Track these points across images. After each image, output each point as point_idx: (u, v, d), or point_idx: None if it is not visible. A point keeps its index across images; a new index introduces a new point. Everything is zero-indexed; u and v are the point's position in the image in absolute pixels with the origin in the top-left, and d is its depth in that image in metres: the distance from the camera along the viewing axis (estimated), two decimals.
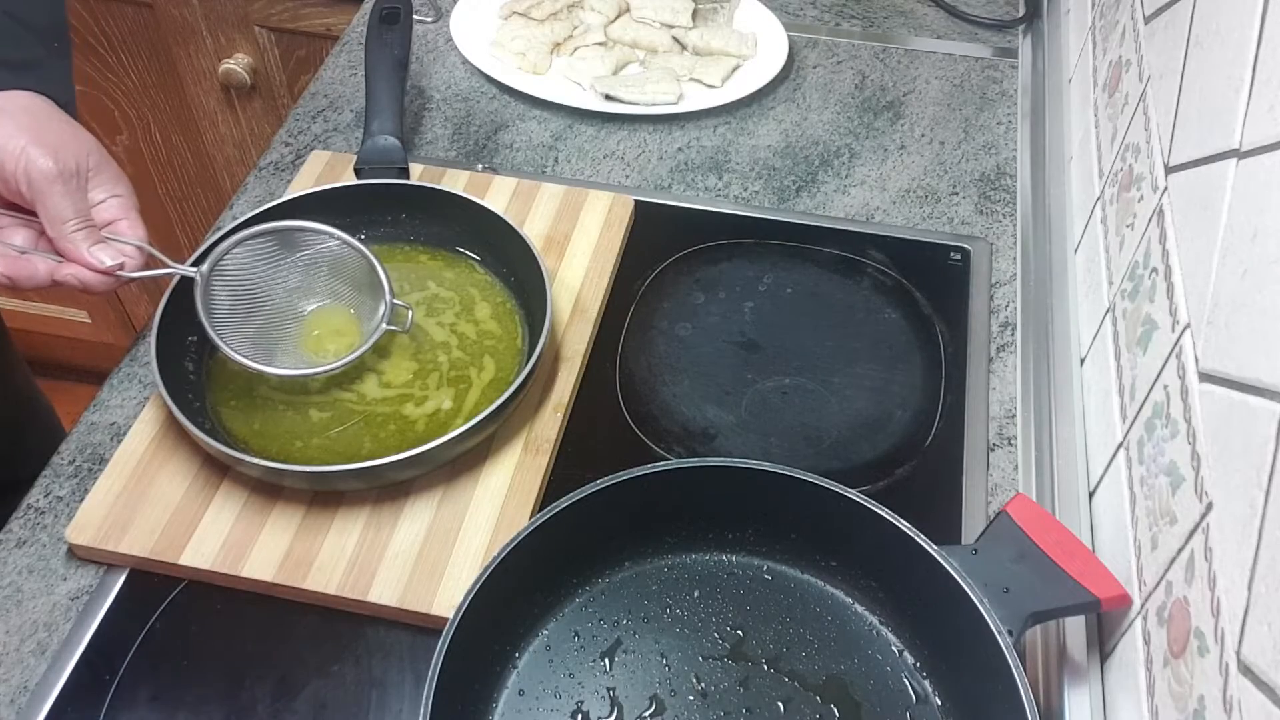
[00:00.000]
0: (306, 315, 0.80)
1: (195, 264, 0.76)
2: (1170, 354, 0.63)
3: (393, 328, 0.77)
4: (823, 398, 0.82)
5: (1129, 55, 0.83)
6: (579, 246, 0.90)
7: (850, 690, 0.65)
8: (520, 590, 0.65)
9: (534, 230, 0.90)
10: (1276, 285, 0.50)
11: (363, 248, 0.78)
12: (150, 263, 0.74)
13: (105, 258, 0.71)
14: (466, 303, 0.84)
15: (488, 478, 0.74)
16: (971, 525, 0.75)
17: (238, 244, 0.76)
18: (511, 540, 0.63)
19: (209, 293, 0.75)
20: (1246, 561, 0.49)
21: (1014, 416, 0.82)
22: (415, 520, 0.72)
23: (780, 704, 0.64)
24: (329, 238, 0.78)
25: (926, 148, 1.04)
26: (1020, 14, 1.19)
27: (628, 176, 1.00)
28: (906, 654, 0.66)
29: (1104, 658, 0.66)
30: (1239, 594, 0.49)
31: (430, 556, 0.70)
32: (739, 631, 0.67)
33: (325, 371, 0.76)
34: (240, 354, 0.74)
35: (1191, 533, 0.56)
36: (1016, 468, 0.79)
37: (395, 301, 0.77)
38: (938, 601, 0.62)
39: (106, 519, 0.71)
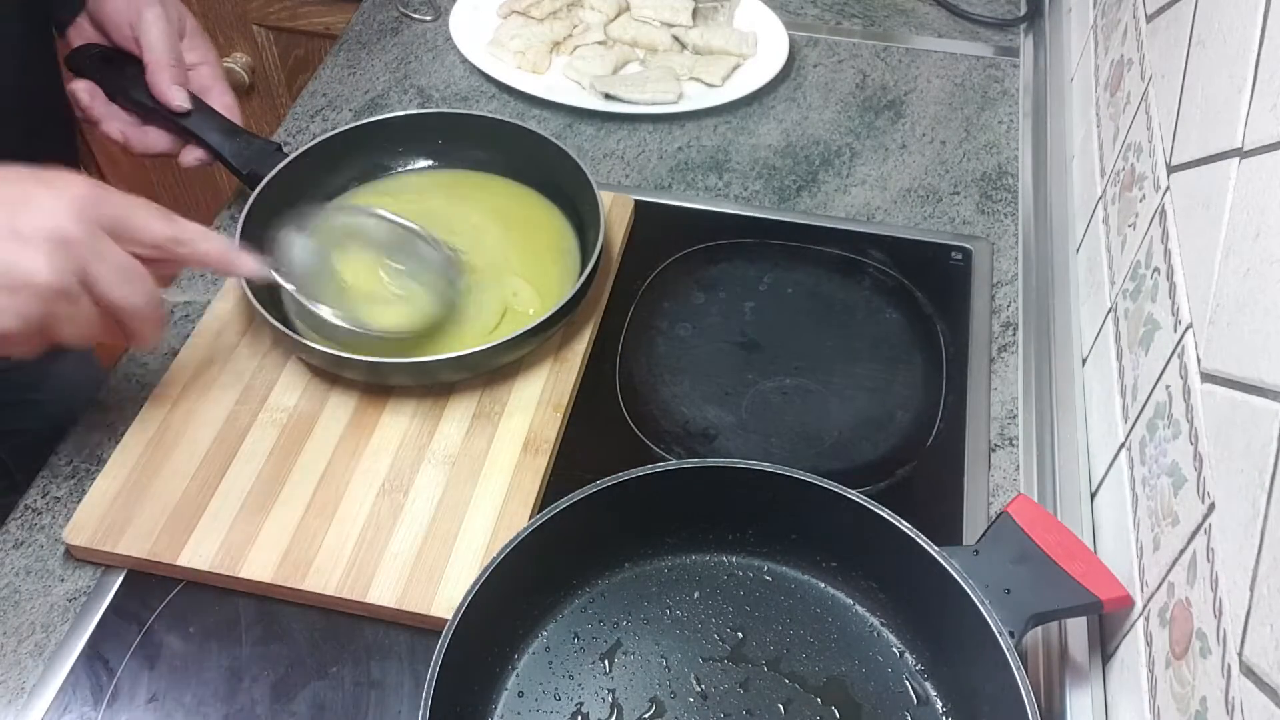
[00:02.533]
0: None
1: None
2: (1172, 354, 0.63)
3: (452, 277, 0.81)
4: (823, 398, 0.82)
5: (1131, 54, 0.83)
6: None
7: (851, 692, 0.64)
8: (520, 591, 0.64)
9: None
10: (1278, 285, 0.50)
11: (396, 218, 0.81)
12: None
13: (179, 99, 0.83)
14: (527, 225, 0.88)
15: (487, 478, 0.74)
16: (972, 526, 0.74)
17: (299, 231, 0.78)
18: (511, 541, 0.63)
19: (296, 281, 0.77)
20: (1248, 563, 0.48)
21: (1015, 417, 0.81)
22: (414, 520, 0.72)
23: (781, 706, 0.64)
24: (371, 216, 0.81)
25: (928, 147, 1.03)
26: (1022, 13, 1.18)
27: (628, 176, 1.00)
28: (907, 655, 0.66)
29: (1105, 659, 0.66)
30: (1241, 595, 0.49)
31: (429, 557, 0.70)
32: (739, 633, 0.67)
33: (405, 334, 0.78)
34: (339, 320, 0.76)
35: (1193, 534, 0.55)
36: (1018, 468, 0.78)
37: (448, 252, 0.81)
38: (939, 603, 0.62)
39: (104, 520, 0.71)
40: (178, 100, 0.83)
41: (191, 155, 0.86)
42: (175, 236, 0.65)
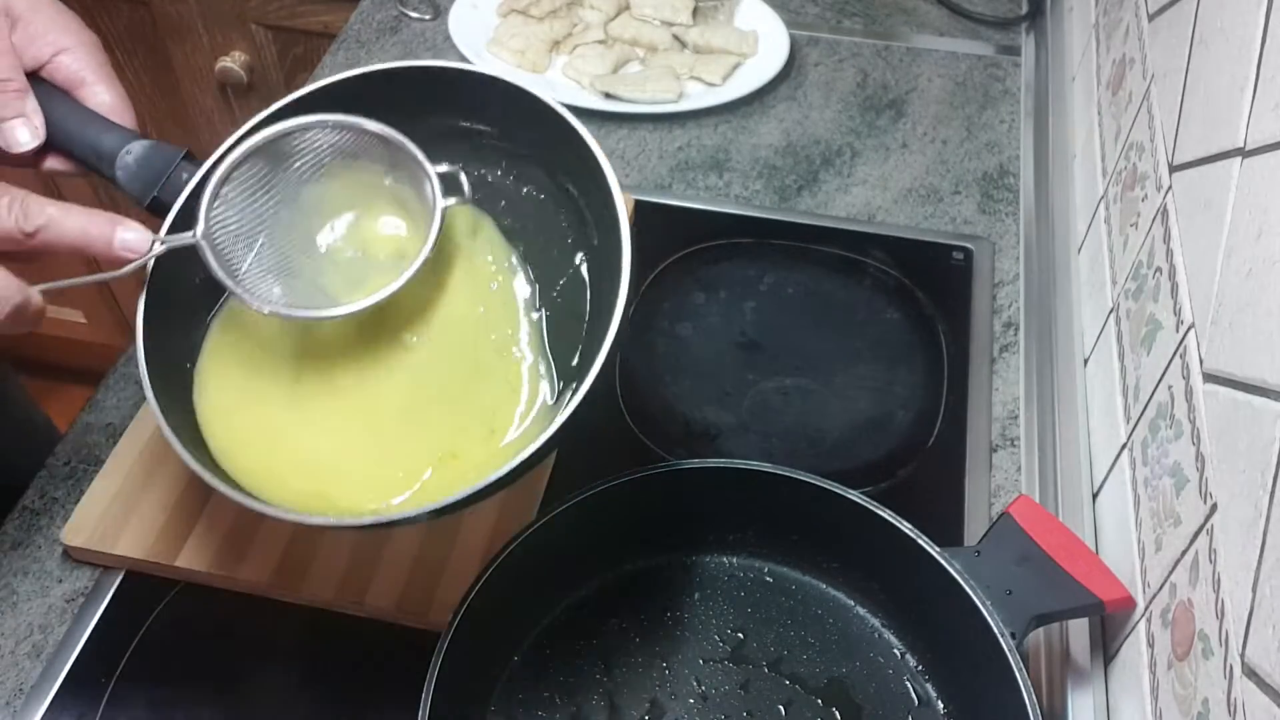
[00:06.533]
0: (332, 243, 0.62)
1: (174, 230, 0.59)
2: (1174, 354, 0.62)
3: (449, 202, 0.59)
4: (824, 398, 0.82)
5: (1133, 53, 0.83)
6: None
7: (852, 693, 0.64)
8: (519, 592, 0.64)
9: None
10: None
11: (368, 123, 0.61)
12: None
13: (22, 135, 0.56)
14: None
15: None
16: (974, 527, 0.74)
17: (226, 180, 0.58)
18: (511, 541, 0.62)
19: (221, 255, 0.57)
20: (1251, 563, 0.48)
21: (1017, 417, 0.81)
22: None
23: (781, 707, 0.64)
24: (322, 129, 0.62)
25: (929, 146, 1.03)
26: (1023, 11, 1.18)
27: (628, 175, 1.00)
28: (909, 657, 0.66)
29: (1107, 660, 0.66)
30: (1243, 596, 0.48)
31: (428, 558, 0.70)
32: (740, 634, 0.67)
33: (395, 289, 0.58)
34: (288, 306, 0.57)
35: (1195, 534, 0.55)
36: (1019, 469, 0.78)
37: (437, 170, 0.59)
38: (940, 604, 0.62)
39: (102, 520, 0.71)
40: (22, 137, 0.57)
41: (55, 161, 0.60)
42: (19, 227, 0.50)
